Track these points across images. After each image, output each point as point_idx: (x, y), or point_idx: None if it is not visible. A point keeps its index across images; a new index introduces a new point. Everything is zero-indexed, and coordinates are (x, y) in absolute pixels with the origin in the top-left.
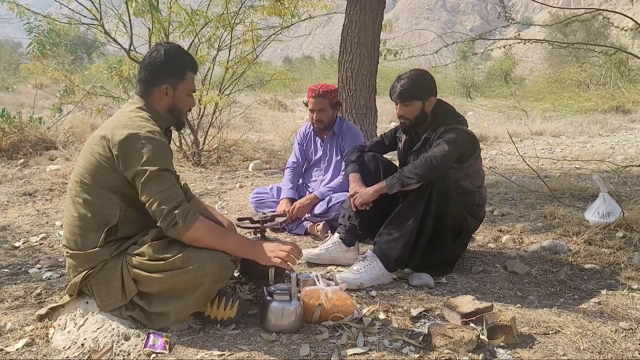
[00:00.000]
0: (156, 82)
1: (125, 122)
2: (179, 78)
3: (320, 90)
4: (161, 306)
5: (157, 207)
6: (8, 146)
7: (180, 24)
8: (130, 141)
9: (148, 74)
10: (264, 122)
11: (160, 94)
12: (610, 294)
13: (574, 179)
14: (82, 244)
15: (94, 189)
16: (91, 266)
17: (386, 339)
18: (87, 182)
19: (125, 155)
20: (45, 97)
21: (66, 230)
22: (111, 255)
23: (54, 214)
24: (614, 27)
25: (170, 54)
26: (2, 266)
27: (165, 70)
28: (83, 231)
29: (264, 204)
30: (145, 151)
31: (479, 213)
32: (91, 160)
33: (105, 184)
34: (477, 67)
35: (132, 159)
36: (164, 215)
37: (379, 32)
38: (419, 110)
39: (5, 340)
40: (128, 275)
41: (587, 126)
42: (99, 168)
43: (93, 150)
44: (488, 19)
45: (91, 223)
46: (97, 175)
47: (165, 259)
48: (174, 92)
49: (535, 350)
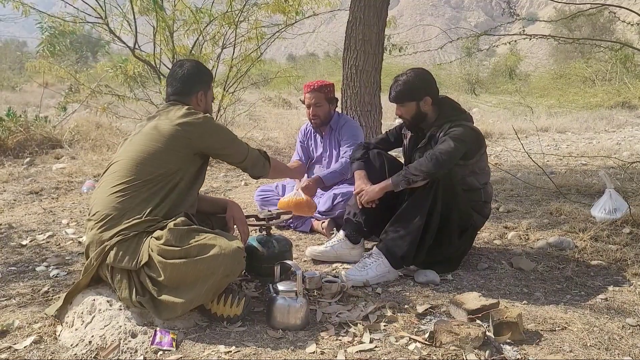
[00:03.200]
0: (193, 91)
1: (191, 112)
2: (207, 86)
3: (316, 85)
4: (171, 295)
5: (254, 160)
6: (14, 145)
7: (184, 22)
8: (209, 121)
9: (183, 85)
10: (268, 119)
11: (198, 100)
12: (617, 290)
13: (580, 175)
14: (127, 212)
15: (164, 151)
16: (124, 234)
17: (392, 336)
18: (155, 150)
19: (206, 134)
20: (51, 96)
21: (106, 205)
22: (145, 229)
23: (61, 212)
24: (620, 22)
25: (200, 67)
26: (9, 264)
27: (196, 80)
28: (131, 199)
29: (269, 201)
30: (223, 127)
31: (485, 210)
32: (155, 147)
33: (170, 164)
34: (481, 64)
35: (215, 134)
36: (261, 163)
37: (384, 29)
38: (414, 111)
39: (13, 338)
40: (147, 249)
41: (593, 122)
42: (166, 150)
43: (157, 136)
44: (492, 15)
45: (145, 188)
46: (155, 161)
47: (182, 246)
48: (205, 98)
49: (541, 347)
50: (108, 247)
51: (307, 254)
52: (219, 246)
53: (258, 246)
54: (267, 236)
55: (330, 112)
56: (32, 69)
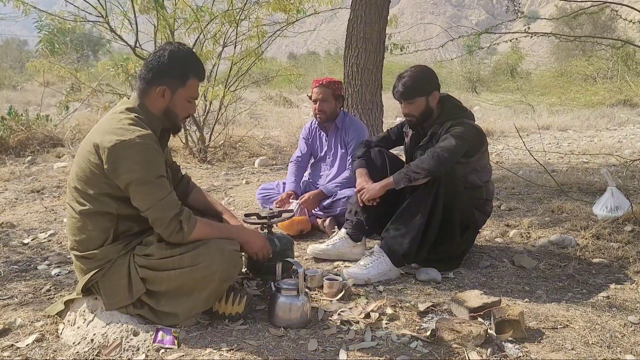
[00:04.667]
0: (154, 82)
1: (114, 126)
2: (180, 82)
3: (324, 81)
4: (170, 305)
5: (158, 216)
6: (16, 144)
7: (185, 21)
8: (119, 148)
9: (148, 72)
10: (269, 118)
11: (157, 95)
12: (619, 288)
13: (582, 173)
14: (86, 244)
15: (88, 194)
16: (97, 266)
17: (394, 333)
18: (81, 188)
19: (115, 163)
20: (52, 94)
21: (69, 232)
22: (118, 255)
23: (62, 210)
24: (622, 20)
25: (175, 55)
26: (11, 263)
27: (166, 71)
28: (84, 232)
29: (271, 199)
30: (136, 159)
31: (486, 208)
32: (83, 167)
33: (98, 190)
34: (482, 62)
35: (123, 166)
36: (167, 223)
37: (385, 27)
38: (423, 106)
39: (15, 336)
40: (136, 274)
41: (594, 120)
42: (90, 174)
43: (84, 156)
44: (494, 13)
45: (90, 225)
46: (89, 182)
47: (174, 256)
48: (172, 95)
49: (543, 345)
50: (91, 286)
51: (308, 252)
52: (212, 253)
53: None
54: (268, 234)
55: (336, 109)
56: (32, 69)
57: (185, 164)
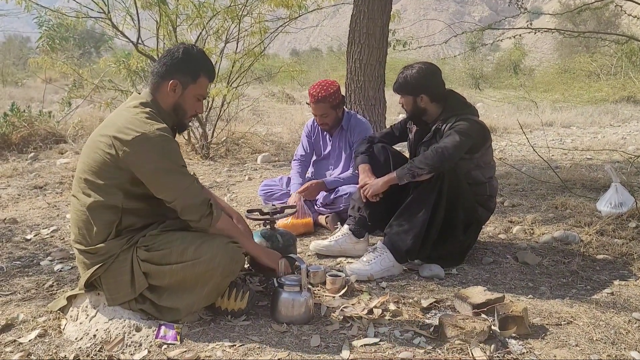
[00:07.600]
0: (167, 77)
1: (132, 119)
2: (191, 78)
3: (319, 96)
4: (172, 300)
5: (188, 202)
6: (18, 140)
7: (187, 17)
8: (140, 141)
9: (162, 67)
10: (272, 114)
11: (169, 89)
12: (623, 284)
13: (586, 170)
14: (90, 239)
15: (97, 185)
16: (100, 261)
17: (397, 330)
18: (90, 179)
19: (137, 155)
20: (54, 91)
21: (73, 225)
22: (121, 249)
23: (65, 206)
24: (626, 17)
25: (189, 52)
26: (14, 258)
27: (179, 67)
28: (89, 226)
29: (273, 195)
30: (159, 150)
31: (490, 204)
32: (95, 158)
33: (108, 181)
34: (485, 58)
35: (146, 158)
36: (197, 207)
37: (388, 23)
38: (411, 104)
39: (18, 332)
40: (138, 269)
41: (598, 116)
42: (103, 165)
43: (98, 147)
44: (497, 9)
45: (96, 218)
46: (101, 172)
47: (176, 248)
48: (182, 90)
49: (547, 341)
50: (94, 281)
51: (311, 248)
52: (214, 248)
53: (262, 240)
54: (271, 230)
55: (338, 116)
56: (34, 65)
57: (188, 161)
